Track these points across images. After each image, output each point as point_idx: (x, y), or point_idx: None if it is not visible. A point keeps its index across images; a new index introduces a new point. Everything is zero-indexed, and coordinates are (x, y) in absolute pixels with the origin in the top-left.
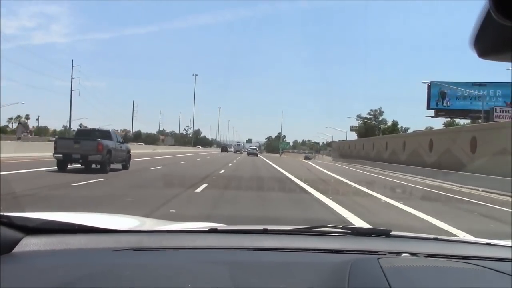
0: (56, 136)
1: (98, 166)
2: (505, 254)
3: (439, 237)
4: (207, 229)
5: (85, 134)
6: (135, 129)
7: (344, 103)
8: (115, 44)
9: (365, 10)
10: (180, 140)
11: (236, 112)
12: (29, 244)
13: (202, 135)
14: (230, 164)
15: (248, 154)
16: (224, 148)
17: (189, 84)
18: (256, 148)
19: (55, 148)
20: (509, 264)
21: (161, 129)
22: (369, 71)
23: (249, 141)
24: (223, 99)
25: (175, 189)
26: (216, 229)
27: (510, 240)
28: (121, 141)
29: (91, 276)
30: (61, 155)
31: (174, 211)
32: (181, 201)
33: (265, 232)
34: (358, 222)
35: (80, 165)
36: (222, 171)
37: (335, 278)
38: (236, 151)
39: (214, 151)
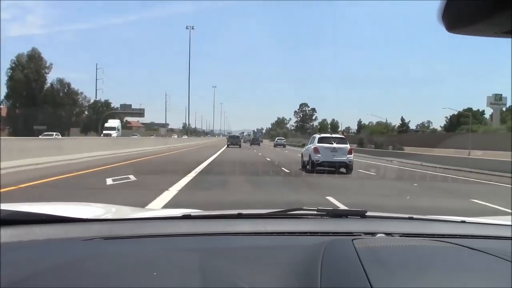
0: (228, 133)
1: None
2: (479, 231)
3: (414, 216)
4: (180, 215)
5: (234, 136)
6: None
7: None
8: (94, 34)
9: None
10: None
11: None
12: None
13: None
14: None
15: (275, 145)
16: (234, 139)
17: (172, 72)
18: (283, 139)
19: (227, 140)
20: (483, 241)
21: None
22: None
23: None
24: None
25: None
26: (190, 215)
27: (483, 218)
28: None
29: (59, 266)
30: (229, 143)
31: None
32: None
33: (239, 216)
34: None
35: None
36: None
37: (308, 260)
38: (251, 143)
39: (199, 142)
